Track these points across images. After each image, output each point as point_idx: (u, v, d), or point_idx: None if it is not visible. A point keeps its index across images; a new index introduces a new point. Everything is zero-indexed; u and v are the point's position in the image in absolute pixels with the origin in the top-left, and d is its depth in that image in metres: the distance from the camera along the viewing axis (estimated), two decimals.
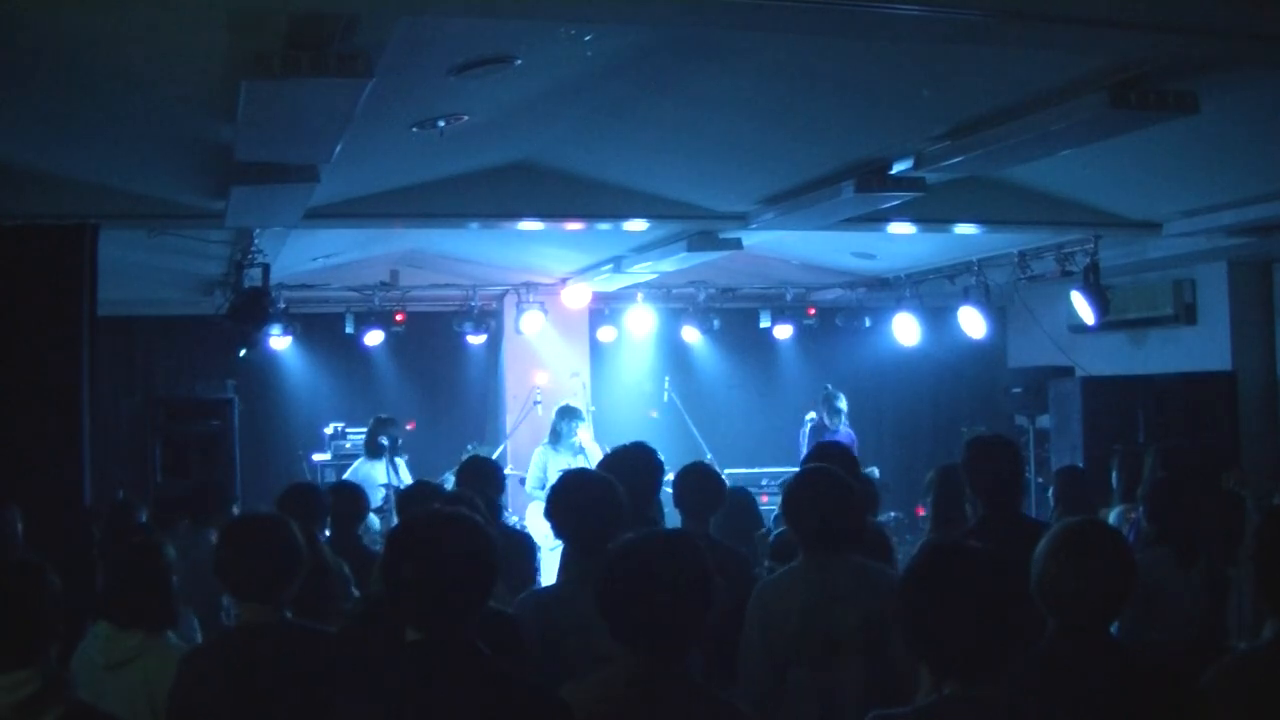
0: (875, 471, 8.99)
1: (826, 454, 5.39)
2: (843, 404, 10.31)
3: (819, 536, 4.18)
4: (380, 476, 9.43)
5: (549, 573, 6.39)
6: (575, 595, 3.24)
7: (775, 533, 5.38)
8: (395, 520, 6.86)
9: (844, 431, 10.51)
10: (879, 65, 4.90)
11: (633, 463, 5.24)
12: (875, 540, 5.23)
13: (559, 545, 6.00)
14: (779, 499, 4.89)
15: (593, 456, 9.56)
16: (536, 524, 9.88)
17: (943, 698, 2.63)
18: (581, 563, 3.95)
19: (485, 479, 6.17)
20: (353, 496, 6.34)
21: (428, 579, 2.81)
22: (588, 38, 4.40)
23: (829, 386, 10.52)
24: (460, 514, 2.96)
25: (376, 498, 9.17)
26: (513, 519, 9.37)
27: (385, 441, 9.69)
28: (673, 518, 5.99)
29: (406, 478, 9.43)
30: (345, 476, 9.30)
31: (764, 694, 3.97)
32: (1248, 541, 3.29)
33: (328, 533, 5.78)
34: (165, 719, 3.45)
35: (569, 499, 4.19)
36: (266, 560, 3.47)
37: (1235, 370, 9.80)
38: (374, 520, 8.31)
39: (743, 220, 7.89)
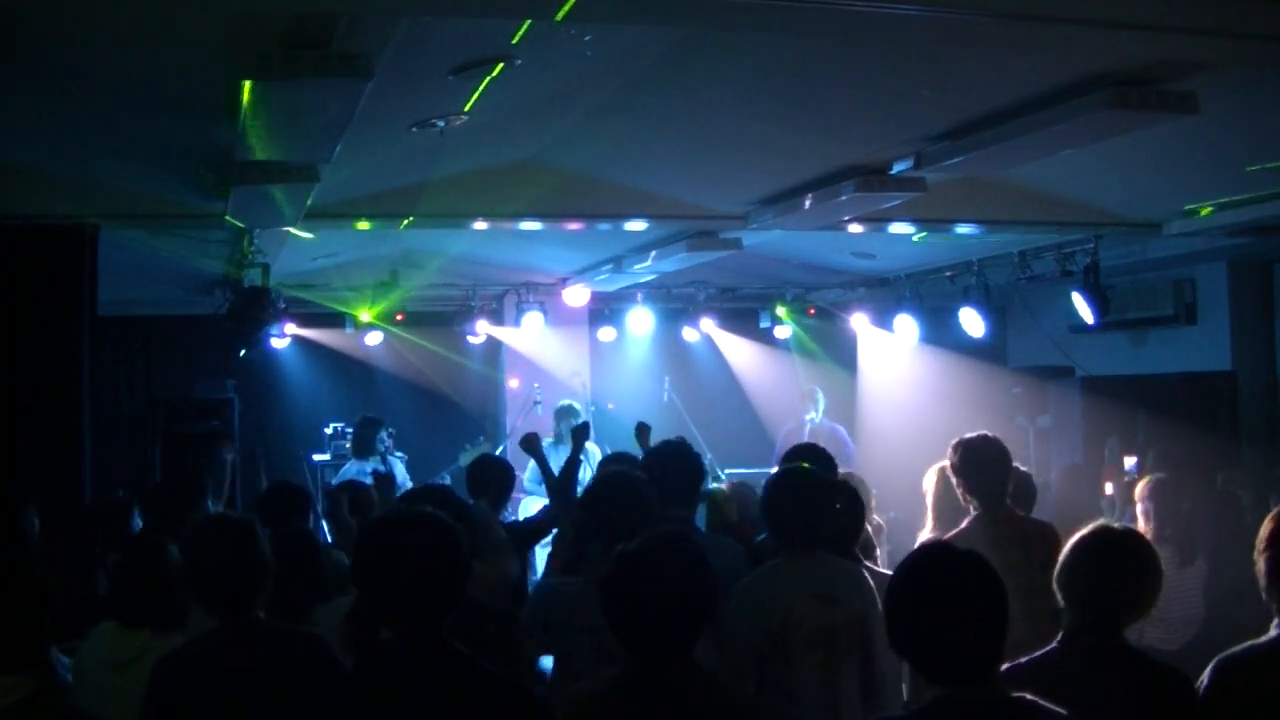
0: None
1: (802, 454, 5.43)
2: (821, 399, 10.90)
3: (797, 536, 4.20)
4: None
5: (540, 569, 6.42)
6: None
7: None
8: None
9: (828, 424, 10.64)
10: (879, 65, 4.90)
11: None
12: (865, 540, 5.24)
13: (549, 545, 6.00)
14: None
15: (592, 455, 9.57)
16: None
17: (935, 700, 2.62)
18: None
19: (495, 478, 6.17)
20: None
21: (394, 579, 2.83)
22: (588, 38, 4.40)
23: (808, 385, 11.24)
24: (425, 513, 2.98)
25: None
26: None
27: (385, 440, 9.69)
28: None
29: (403, 476, 9.43)
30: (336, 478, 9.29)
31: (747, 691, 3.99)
32: (1257, 539, 3.28)
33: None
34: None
35: (606, 499, 4.25)
36: (225, 567, 3.40)
37: (1235, 370, 9.80)
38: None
39: (742, 220, 7.89)
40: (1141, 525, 5.83)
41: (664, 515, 4.47)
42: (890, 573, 3.07)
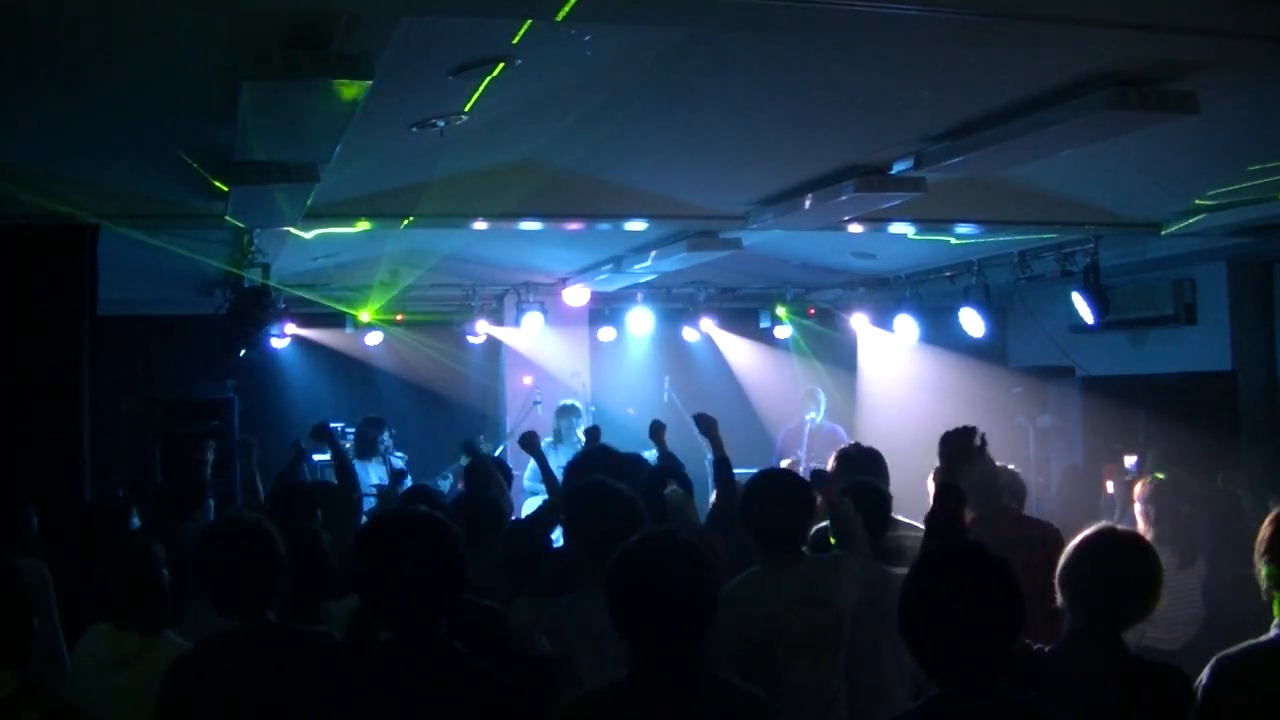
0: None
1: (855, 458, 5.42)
2: (822, 400, 10.93)
3: (778, 538, 4.19)
4: (371, 478, 9.43)
5: None
6: (595, 602, 3.23)
7: None
8: None
9: (828, 425, 10.66)
10: (879, 65, 4.90)
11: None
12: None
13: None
14: None
15: None
16: None
17: (931, 698, 2.62)
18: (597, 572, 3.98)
19: (489, 479, 6.19)
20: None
21: (392, 579, 2.84)
22: (588, 38, 4.40)
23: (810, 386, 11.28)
24: (422, 513, 2.98)
25: (368, 499, 9.17)
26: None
27: (386, 440, 9.70)
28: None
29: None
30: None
31: None
32: (1257, 543, 3.29)
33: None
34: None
35: (592, 510, 4.20)
36: (242, 569, 3.40)
37: (1235, 370, 9.79)
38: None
39: (742, 220, 7.89)
40: (1141, 526, 5.84)
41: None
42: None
